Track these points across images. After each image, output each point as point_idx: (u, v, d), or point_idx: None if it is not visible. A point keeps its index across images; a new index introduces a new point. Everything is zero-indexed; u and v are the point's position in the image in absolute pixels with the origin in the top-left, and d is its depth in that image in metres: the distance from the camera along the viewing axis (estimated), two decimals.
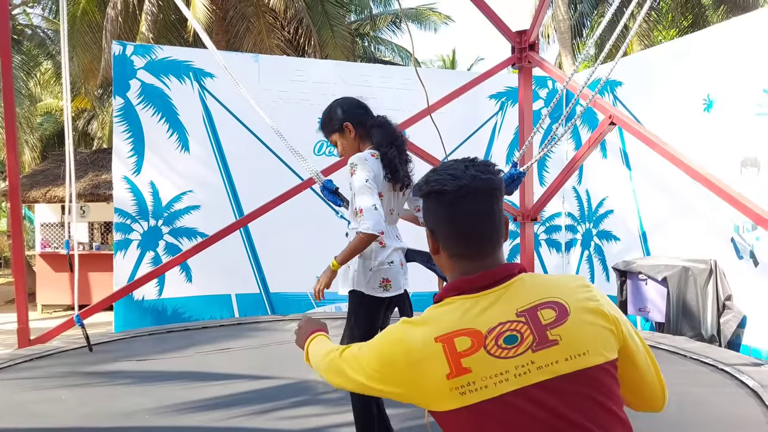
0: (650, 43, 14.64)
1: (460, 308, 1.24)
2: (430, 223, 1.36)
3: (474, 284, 1.26)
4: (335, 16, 12.02)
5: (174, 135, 6.94)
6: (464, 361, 1.16)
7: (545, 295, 1.23)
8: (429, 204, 1.35)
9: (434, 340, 1.19)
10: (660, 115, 6.52)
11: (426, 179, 1.36)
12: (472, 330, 1.19)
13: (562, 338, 1.18)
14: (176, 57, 6.99)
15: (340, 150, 2.89)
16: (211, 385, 4.23)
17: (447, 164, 1.37)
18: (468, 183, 1.28)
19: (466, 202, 1.28)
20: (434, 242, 1.35)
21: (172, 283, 6.82)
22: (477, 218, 1.29)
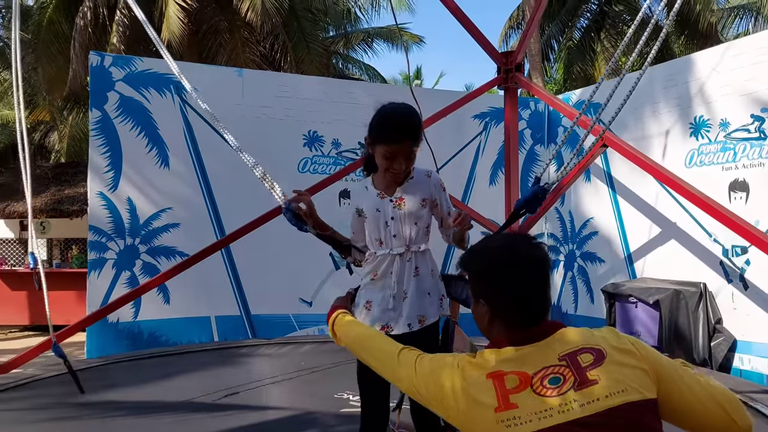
0: (617, 68, 14.99)
1: (510, 353, 1.38)
2: (483, 295, 1.48)
3: (524, 338, 1.40)
4: (311, 33, 11.91)
5: (153, 150, 6.66)
6: (512, 397, 1.29)
7: (583, 342, 1.37)
8: (485, 276, 1.48)
9: (486, 377, 1.34)
10: (644, 139, 6.59)
11: (480, 251, 1.53)
12: (520, 372, 1.33)
13: (601, 378, 1.29)
14: (156, 69, 6.73)
15: (409, 165, 2.40)
16: (213, 418, 4.00)
17: (497, 239, 1.59)
18: (527, 255, 1.45)
19: (526, 273, 1.43)
20: (490, 313, 1.46)
21: (148, 305, 6.50)
22: (536, 287, 1.44)
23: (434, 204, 2.50)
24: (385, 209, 2.44)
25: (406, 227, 2.43)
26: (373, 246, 2.48)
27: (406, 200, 2.44)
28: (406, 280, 2.42)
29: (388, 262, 2.43)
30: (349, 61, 17.95)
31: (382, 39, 16.27)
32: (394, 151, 2.32)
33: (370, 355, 1.72)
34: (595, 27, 14.99)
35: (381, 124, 2.36)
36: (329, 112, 7.31)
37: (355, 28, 17.21)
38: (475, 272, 1.51)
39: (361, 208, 2.50)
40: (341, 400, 4.34)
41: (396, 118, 2.34)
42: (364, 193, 2.52)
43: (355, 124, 7.42)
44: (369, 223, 2.47)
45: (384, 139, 2.33)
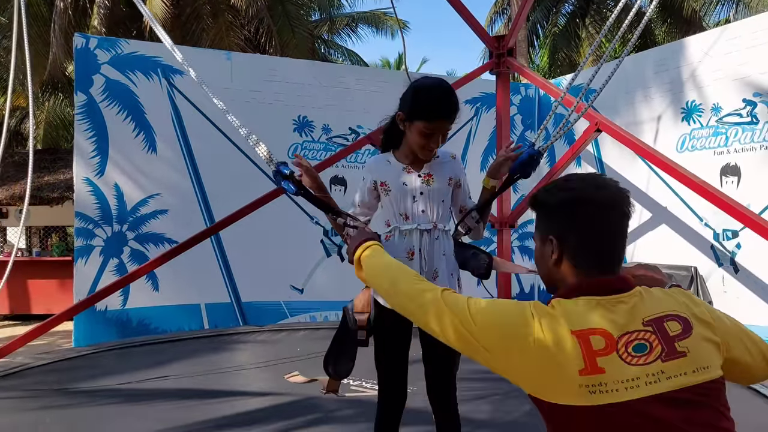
0: (601, 54, 15.04)
1: (592, 308, 1.23)
2: (556, 231, 1.33)
3: (604, 287, 1.26)
4: (296, 17, 11.75)
5: (141, 135, 6.52)
6: (599, 360, 1.16)
7: (666, 308, 1.25)
8: (564, 211, 1.33)
9: (571, 333, 1.19)
10: (638, 124, 6.61)
11: (562, 186, 1.36)
12: (604, 331, 1.19)
13: (690, 351, 1.21)
14: (143, 52, 6.57)
15: (437, 143, 2.30)
16: (207, 404, 3.94)
17: (577, 176, 1.41)
18: (612, 196, 1.31)
19: (608, 212, 1.30)
20: (559, 252, 1.32)
21: (137, 293, 6.39)
22: (616, 232, 1.32)
23: (457, 185, 2.45)
24: (412, 184, 2.34)
25: (435, 203, 2.35)
26: (396, 220, 2.35)
27: (435, 176, 2.36)
28: (436, 259, 2.34)
29: (416, 237, 2.32)
30: (332, 47, 17.80)
31: (366, 23, 16.13)
32: (434, 128, 2.22)
33: (401, 291, 1.47)
34: (580, 13, 15.01)
35: (423, 100, 2.23)
36: (319, 97, 7.22)
37: (339, 12, 17.05)
38: (551, 204, 1.35)
39: (383, 181, 2.36)
40: (342, 385, 4.29)
41: (439, 95, 2.23)
42: (387, 166, 2.39)
43: (346, 109, 7.36)
44: (393, 197, 2.34)
45: (425, 116, 2.21)
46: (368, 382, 4.39)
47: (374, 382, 4.38)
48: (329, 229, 7.26)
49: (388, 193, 2.36)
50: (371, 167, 2.45)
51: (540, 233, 1.38)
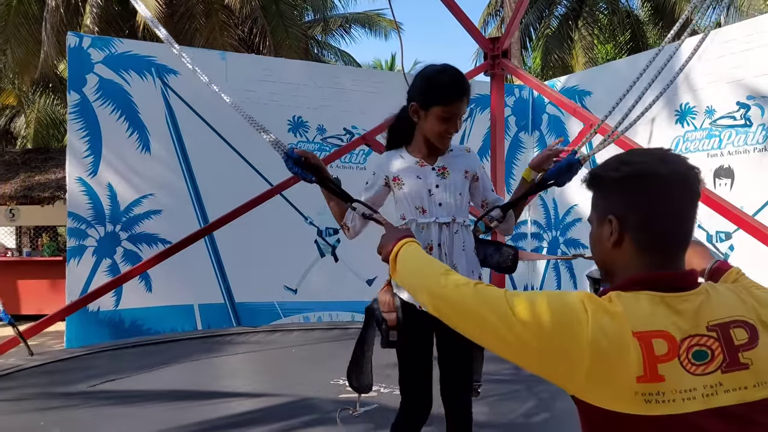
0: (593, 56, 15.12)
1: (656, 305, 1.10)
2: (617, 210, 1.19)
3: (669, 282, 1.13)
4: (290, 17, 11.74)
5: (134, 134, 6.49)
6: (660, 367, 1.05)
7: (734, 312, 1.13)
8: (625, 187, 1.18)
9: (632, 335, 1.06)
10: (631, 126, 6.62)
11: (625, 160, 1.20)
12: (668, 334, 1.07)
13: (753, 362, 1.09)
14: (137, 51, 6.54)
15: (456, 128, 2.21)
16: (201, 406, 3.92)
17: (644, 150, 1.25)
18: (681, 170, 1.16)
19: (676, 189, 1.16)
20: (620, 233, 1.18)
21: (130, 293, 6.35)
22: (682, 208, 1.17)
23: (474, 178, 2.35)
24: (427, 177, 2.26)
25: (452, 196, 2.26)
26: (412, 213, 2.25)
27: (450, 169, 2.28)
28: (456, 254, 2.23)
29: (435, 231, 2.22)
30: (325, 47, 17.78)
31: (360, 25, 16.12)
32: (452, 110, 2.14)
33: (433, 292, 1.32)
34: (573, 15, 15.06)
35: (436, 85, 2.16)
36: (314, 98, 7.21)
37: (332, 13, 17.04)
38: (611, 179, 1.20)
39: (396, 176, 2.27)
40: (338, 386, 4.29)
41: (451, 77, 2.17)
42: (399, 161, 2.30)
43: (341, 109, 7.35)
44: (408, 191, 2.25)
45: (442, 99, 2.13)
46: None
47: None
48: (323, 229, 7.24)
49: (401, 188, 2.27)
50: (383, 163, 2.34)
51: (597, 213, 1.24)
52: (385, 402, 3.87)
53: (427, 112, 2.18)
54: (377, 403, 3.89)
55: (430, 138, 2.22)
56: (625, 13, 15.48)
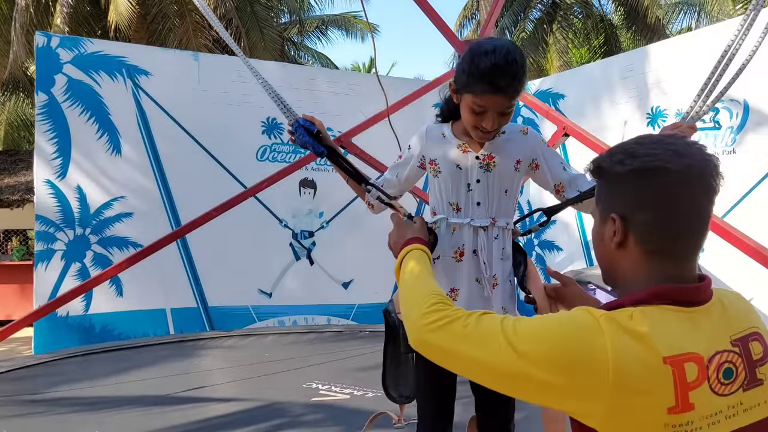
0: (568, 59, 15.26)
1: (679, 323, 0.97)
2: (620, 208, 1.05)
3: (692, 296, 1.00)
4: (265, 19, 11.66)
5: (104, 136, 6.39)
6: (691, 394, 0.93)
7: (749, 323, 1.03)
8: (630, 183, 1.04)
9: (663, 361, 0.92)
10: (602, 129, 6.69)
11: (630, 152, 1.05)
12: (698, 356, 0.94)
13: (766, 378, 1.00)
14: (108, 52, 6.44)
15: (504, 123, 1.80)
16: (172, 412, 3.85)
17: (655, 138, 1.08)
18: (696, 163, 1.01)
19: (691, 185, 1.01)
20: (624, 233, 1.04)
21: (100, 297, 6.25)
22: (696, 207, 1.03)
23: (533, 166, 1.92)
24: (468, 167, 1.86)
25: (495, 194, 1.86)
26: (444, 210, 1.90)
27: (498, 159, 1.85)
28: (495, 262, 1.87)
29: (471, 236, 1.86)
30: (302, 49, 17.70)
31: (337, 26, 16.09)
32: (484, 104, 1.72)
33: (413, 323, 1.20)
34: (548, 19, 15.19)
35: (474, 67, 1.71)
36: (289, 99, 6.94)
37: (309, 15, 16.97)
38: (616, 173, 1.06)
39: (432, 158, 1.90)
40: (311, 389, 4.26)
41: (496, 62, 1.68)
42: (440, 140, 1.90)
43: (316, 111, 7.24)
44: (443, 181, 1.89)
45: (474, 87, 1.71)
46: (337, 386, 4.35)
47: (344, 386, 4.35)
48: (298, 232, 7.20)
49: (437, 175, 1.90)
50: (422, 138, 1.94)
51: (600, 208, 1.10)
52: (356, 405, 3.85)
53: (461, 96, 1.79)
54: (347, 407, 3.87)
55: (466, 127, 1.84)
56: (599, 18, 15.66)
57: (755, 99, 5.34)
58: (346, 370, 4.83)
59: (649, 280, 1.03)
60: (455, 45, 6.89)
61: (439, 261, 1.88)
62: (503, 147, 1.86)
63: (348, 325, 7.02)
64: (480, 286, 1.85)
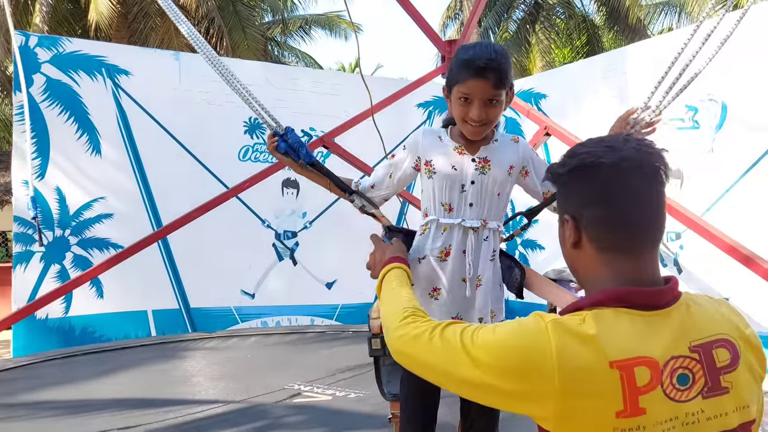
0: (551, 59, 15.36)
1: (634, 326, 0.97)
2: (571, 209, 1.08)
3: (651, 300, 1.00)
4: (247, 18, 11.62)
5: (84, 136, 6.31)
6: (641, 399, 0.93)
7: (716, 329, 1.02)
8: (574, 182, 1.07)
9: (609, 365, 0.93)
10: (584, 128, 6.73)
11: (571, 153, 1.08)
12: (650, 360, 0.95)
13: (733, 386, 0.99)
14: (87, 51, 6.37)
15: (493, 116, 1.85)
16: (154, 414, 3.82)
17: (596, 138, 1.10)
18: (631, 155, 1.02)
19: (627, 177, 1.03)
20: (576, 233, 1.06)
21: (80, 299, 6.17)
22: (639, 198, 1.03)
23: (524, 173, 2.00)
24: (464, 168, 1.91)
25: (488, 196, 1.92)
26: (436, 211, 1.94)
27: (493, 162, 1.92)
28: (482, 263, 1.92)
29: (460, 236, 1.91)
30: (286, 49, 17.66)
31: (320, 26, 16.06)
32: (470, 90, 1.78)
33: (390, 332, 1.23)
34: (530, 19, 15.28)
35: (457, 60, 1.84)
36: (271, 99, 7.05)
37: (292, 14, 16.93)
38: (560, 174, 1.09)
39: (428, 160, 1.94)
40: (293, 390, 4.25)
41: (476, 50, 1.81)
42: (437, 143, 1.96)
43: (299, 111, 7.28)
44: (438, 182, 1.93)
45: (459, 76, 1.81)
46: (320, 387, 4.34)
47: (327, 386, 4.34)
48: (281, 232, 7.17)
49: (432, 176, 1.94)
50: (417, 141, 1.98)
51: (559, 213, 1.13)
52: (339, 406, 3.84)
53: (450, 94, 1.88)
54: (330, 408, 3.86)
55: (459, 126, 1.90)
56: (581, 18, 15.78)
57: (733, 99, 5.40)
58: (328, 370, 4.82)
59: (607, 280, 1.04)
60: (438, 45, 6.91)
61: (425, 260, 1.94)
62: (498, 152, 1.94)
63: (331, 325, 7.01)
64: (463, 285, 1.91)
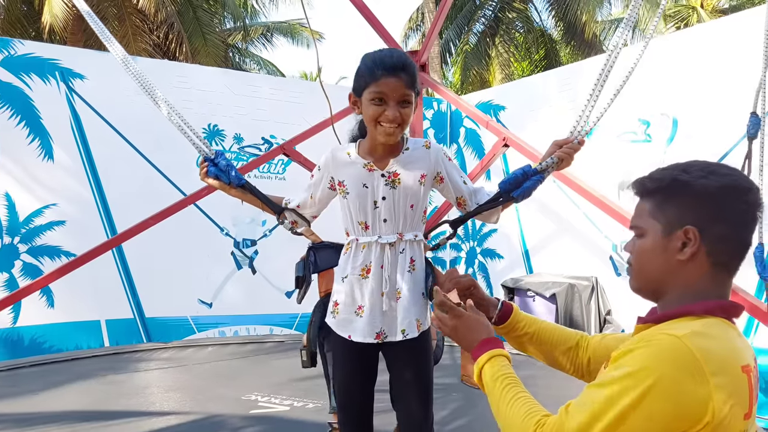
0: (510, 72, 15.62)
1: (737, 337, 1.06)
2: (696, 221, 1.09)
3: (738, 314, 1.09)
4: (208, 24, 11.50)
5: (35, 141, 6.13)
6: (753, 400, 1.01)
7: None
8: (720, 198, 1.09)
9: (741, 369, 0.99)
10: (541, 140, 6.86)
11: (709, 170, 1.11)
12: (750, 367, 1.02)
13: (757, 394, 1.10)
14: (40, 54, 6.19)
15: (406, 117, 1.84)
16: (107, 427, 3.71)
17: (714, 163, 1.15)
18: (758, 193, 1.11)
19: (761, 208, 1.11)
20: (698, 245, 1.09)
21: (29, 309, 5.96)
22: (752, 231, 1.12)
23: (437, 179, 1.99)
24: (374, 185, 1.92)
25: (400, 210, 1.92)
26: (354, 231, 1.97)
27: (403, 175, 1.91)
28: (400, 276, 1.93)
29: (378, 252, 1.93)
30: (247, 56, 17.53)
31: (282, 34, 16.00)
32: (383, 90, 1.79)
33: None
34: (490, 32, 15.52)
35: (365, 63, 1.85)
36: (231, 106, 7.06)
37: (254, 22, 16.82)
38: (704, 187, 1.09)
39: (341, 180, 1.96)
40: (249, 401, 4.19)
41: (386, 53, 1.84)
42: (346, 161, 1.96)
43: (259, 118, 7.23)
44: (351, 202, 1.94)
45: (371, 77, 1.80)
46: (277, 398, 4.29)
47: (284, 397, 4.29)
48: (240, 240, 7.08)
49: (346, 196, 1.96)
50: (328, 161, 2.00)
51: (664, 222, 1.12)
52: (296, 416, 3.80)
53: (359, 98, 1.87)
54: (287, 418, 3.82)
55: (370, 132, 1.88)
56: (540, 33, 16.12)
57: (684, 114, 5.58)
58: (286, 381, 4.77)
59: (710, 293, 1.09)
60: None
61: (348, 279, 1.97)
62: (408, 163, 1.93)
63: (290, 334, 6.94)
64: (382, 300, 1.93)
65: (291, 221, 2.14)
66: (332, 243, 2.17)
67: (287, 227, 2.14)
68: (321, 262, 2.16)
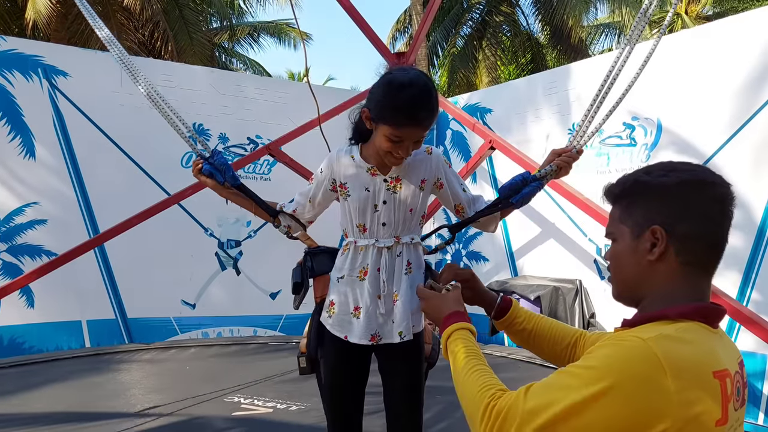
0: (497, 75, 15.69)
1: (715, 341, 1.04)
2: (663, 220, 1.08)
3: (719, 318, 1.08)
4: (194, 23, 11.42)
5: (17, 138, 6.04)
6: (729, 407, 0.99)
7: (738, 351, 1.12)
8: (681, 194, 1.08)
9: (713, 375, 0.97)
10: (526, 142, 6.89)
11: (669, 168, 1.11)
12: (728, 372, 1.01)
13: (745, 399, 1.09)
14: (23, 50, 6.11)
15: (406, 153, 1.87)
16: (88, 428, 3.66)
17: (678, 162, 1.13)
18: (728, 185, 1.09)
19: (728, 202, 1.08)
20: (665, 244, 1.07)
21: (9, 309, 5.87)
22: (728, 224, 1.09)
23: (437, 185, 2.03)
24: (376, 190, 1.96)
25: (399, 214, 1.96)
26: (353, 233, 2.01)
27: (404, 181, 1.97)
28: (396, 279, 1.96)
29: (375, 255, 1.96)
30: (233, 56, 17.45)
31: (269, 34, 15.95)
32: (403, 135, 1.80)
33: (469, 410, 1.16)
34: (478, 36, 15.58)
35: (392, 100, 1.79)
36: (216, 105, 7.02)
37: (240, 21, 16.75)
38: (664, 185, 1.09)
39: (342, 182, 1.99)
40: (232, 403, 4.15)
41: (414, 95, 1.78)
42: (350, 164, 1.99)
43: (244, 118, 7.20)
44: (352, 204, 1.98)
45: (392, 120, 1.79)
46: (260, 400, 4.26)
47: (267, 399, 4.26)
48: (224, 241, 7.04)
49: (347, 198, 1.99)
50: (332, 162, 2.02)
51: (632, 225, 1.12)
52: (280, 418, 3.77)
53: (376, 124, 1.87)
54: (270, 420, 3.79)
55: (379, 149, 1.91)
56: (526, 36, 16.20)
57: (668, 118, 5.62)
58: (269, 382, 4.74)
59: (684, 295, 1.08)
60: (387, 58, 6.96)
61: (344, 280, 2.01)
62: (409, 168, 1.98)
63: (274, 336, 6.90)
64: (378, 302, 1.96)
65: (286, 225, 2.15)
66: (327, 248, 2.18)
67: (283, 231, 2.15)
68: (317, 267, 2.14)
